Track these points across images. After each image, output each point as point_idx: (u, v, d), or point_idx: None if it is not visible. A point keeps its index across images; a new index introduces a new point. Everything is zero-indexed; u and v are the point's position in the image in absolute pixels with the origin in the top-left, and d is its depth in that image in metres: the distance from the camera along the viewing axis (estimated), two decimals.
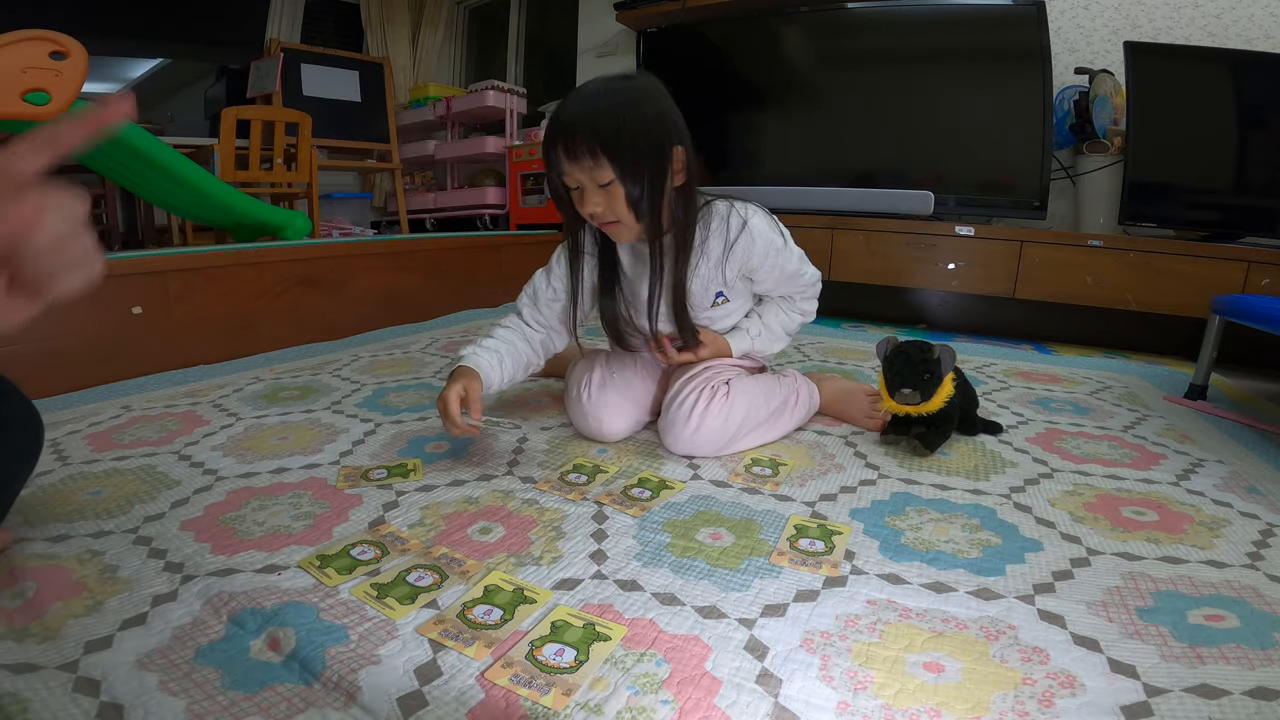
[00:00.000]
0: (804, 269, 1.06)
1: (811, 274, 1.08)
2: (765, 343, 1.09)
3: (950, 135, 2.15)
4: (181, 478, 0.88)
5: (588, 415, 1.02)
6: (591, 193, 0.88)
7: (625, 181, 0.86)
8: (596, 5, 3.19)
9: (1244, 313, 1.21)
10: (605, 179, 0.86)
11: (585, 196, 0.89)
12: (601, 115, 0.85)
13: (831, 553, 0.71)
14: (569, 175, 0.88)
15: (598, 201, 0.88)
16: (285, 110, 2.85)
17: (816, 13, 2.32)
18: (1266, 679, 0.52)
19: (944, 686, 0.51)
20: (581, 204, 0.90)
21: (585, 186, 0.88)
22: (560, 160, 0.87)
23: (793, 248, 1.03)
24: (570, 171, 0.88)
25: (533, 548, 0.72)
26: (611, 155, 0.85)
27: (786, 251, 1.02)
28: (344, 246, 1.97)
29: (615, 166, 0.85)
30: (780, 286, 1.07)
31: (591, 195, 0.88)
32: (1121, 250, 1.79)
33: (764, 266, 1.01)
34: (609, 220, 0.90)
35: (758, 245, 0.98)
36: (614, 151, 0.84)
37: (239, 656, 0.54)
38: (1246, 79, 1.77)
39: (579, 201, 0.91)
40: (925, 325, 2.25)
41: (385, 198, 4.04)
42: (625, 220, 0.90)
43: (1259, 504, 0.85)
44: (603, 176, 0.86)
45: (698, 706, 0.49)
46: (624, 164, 0.85)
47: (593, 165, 0.85)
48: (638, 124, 0.86)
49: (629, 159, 0.85)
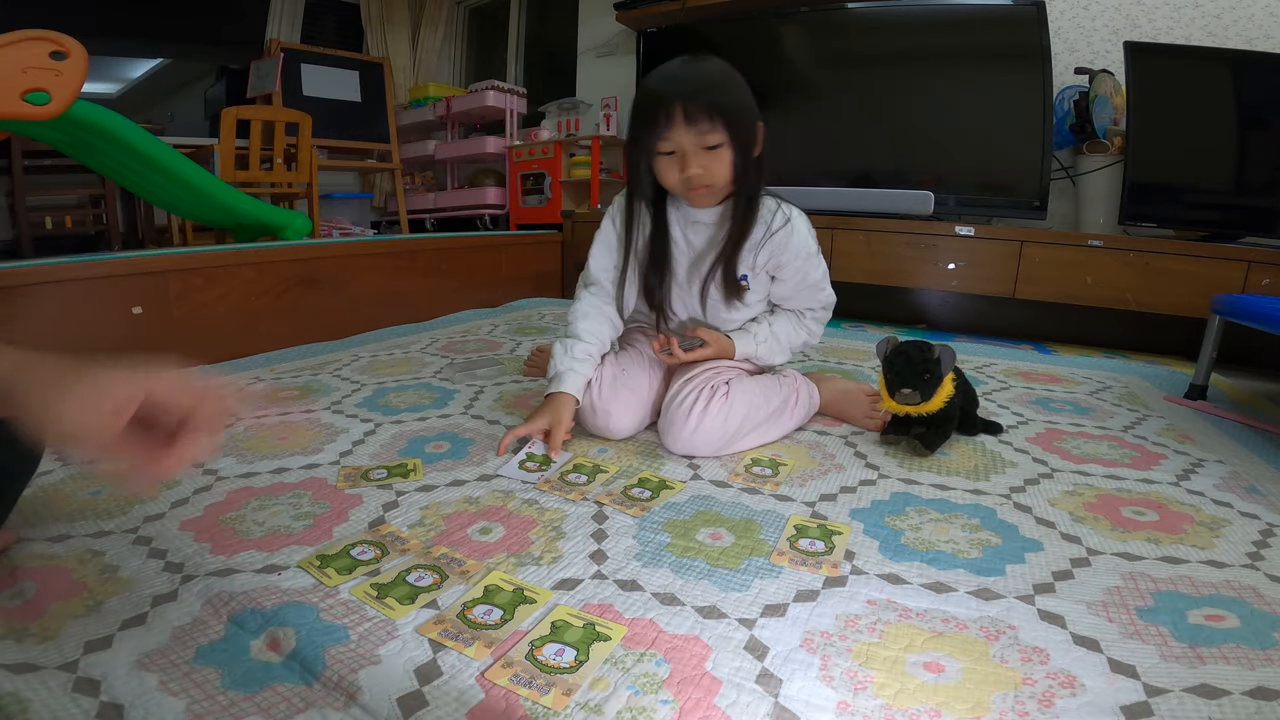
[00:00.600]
0: (825, 284, 1.10)
1: (829, 294, 1.12)
2: (768, 350, 1.09)
3: (950, 135, 2.15)
4: (181, 478, 0.88)
5: (597, 412, 1.02)
6: (696, 155, 0.92)
7: (734, 144, 0.92)
8: (596, 5, 3.19)
9: (1244, 313, 1.21)
10: (714, 141, 0.91)
11: (688, 160, 0.93)
12: (717, 84, 0.92)
13: (831, 553, 0.71)
14: (671, 139, 0.92)
15: (703, 164, 0.93)
16: (285, 110, 2.85)
17: (816, 13, 2.32)
18: (1266, 679, 0.52)
19: (944, 686, 0.51)
20: (683, 167, 0.93)
21: (687, 150, 0.92)
22: (669, 123, 0.91)
23: (821, 261, 1.08)
24: (675, 135, 0.91)
25: (533, 548, 0.72)
26: (726, 119, 0.91)
27: (815, 260, 1.07)
28: (344, 246, 1.97)
29: (728, 130, 0.91)
30: (798, 294, 1.09)
31: (696, 158, 0.92)
32: (1121, 250, 1.79)
33: (791, 266, 1.05)
34: (704, 183, 0.94)
35: (794, 242, 1.03)
36: (728, 115, 0.91)
37: (239, 656, 0.54)
38: (1246, 79, 1.77)
39: (674, 166, 0.94)
40: (925, 325, 2.25)
41: (385, 198, 4.04)
42: (719, 183, 0.95)
43: (1259, 504, 0.85)
44: (713, 139, 0.91)
45: (698, 706, 0.49)
46: (735, 128, 0.92)
47: (709, 128, 0.90)
48: (743, 93, 0.94)
49: (739, 123, 0.92)
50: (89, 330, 1.39)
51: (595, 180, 3.03)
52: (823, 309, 1.13)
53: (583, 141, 3.09)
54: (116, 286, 1.43)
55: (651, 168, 0.97)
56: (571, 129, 3.23)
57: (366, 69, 3.62)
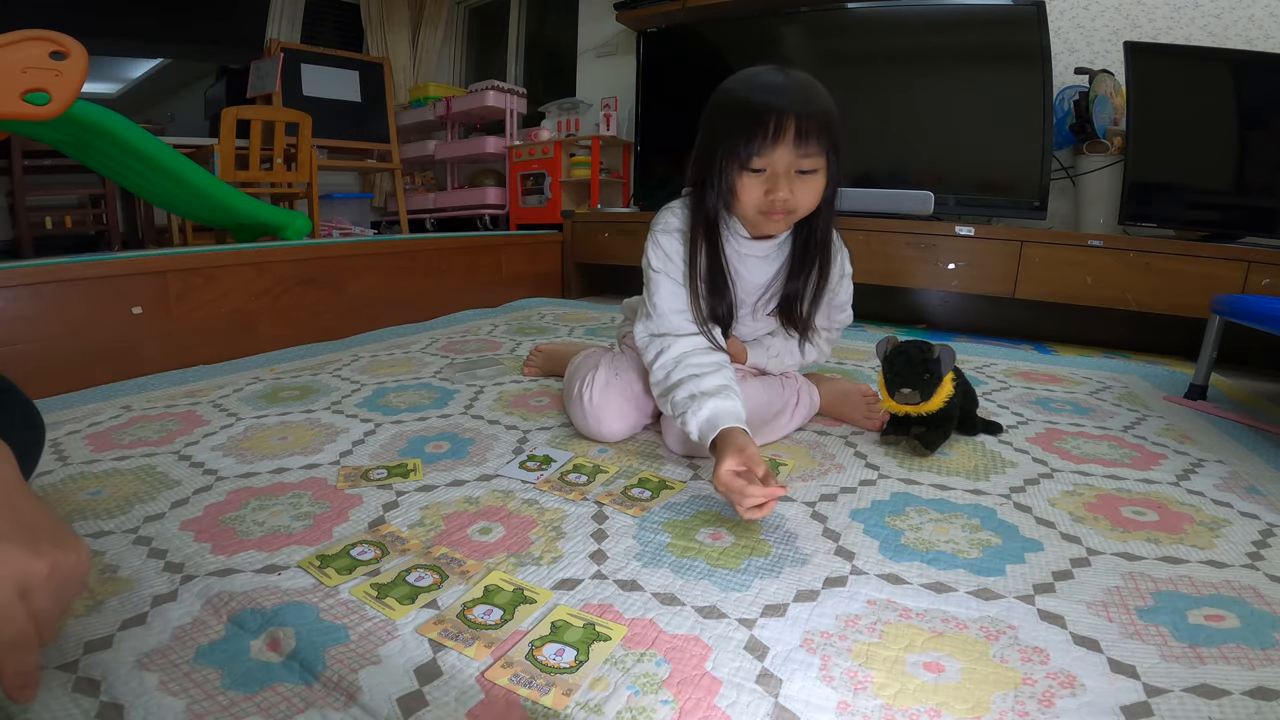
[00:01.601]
0: (848, 306, 1.10)
1: (849, 315, 1.12)
2: (778, 364, 1.09)
3: (950, 135, 2.15)
4: (181, 478, 0.88)
5: (588, 415, 1.02)
6: (787, 179, 0.86)
7: (828, 171, 0.88)
8: (596, 5, 3.19)
9: (1244, 313, 1.21)
10: (812, 166, 0.86)
11: (778, 181, 0.86)
12: (825, 108, 0.86)
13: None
14: (769, 156, 0.85)
15: (791, 188, 0.86)
16: (285, 110, 2.85)
17: (816, 13, 2.32)
18: (1266, 679, 0.52)
19: (944, 686, 0.51)
20: (770, 189, 0.86)
21: (779, 171, 0.86)
22: (777, 137, 0.83)
23: (851, 284, 1.09)
24: (778, 152, 0.84)
25: (533, 548, 0.72)
26: (830, 145, 0.86)
27: (847, 283, 1.08)
28: (344, 246, 1.97)
29: (828, 156, 0.86)
30: (824, 313, 1.08)
31: (786, 181, 0.86)
32: (1121, 250, 1.79)
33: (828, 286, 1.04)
34: (787, 209, 0.88)
35: (835, 264, 1.02)
36: (833, 142, 0.86)
37: (239, 656, 0.54)
38: (1246, 79, 1.77)
39: (759, 185, 0.87)
40: (925, 325, 2.25)
41: (385, 198, 4.04)
42: (802, 210, 0.90)
43: (1259, 504, 0.85)
44: (812, 164, 0.86)
45: (698, 706, 0.49)
46: (833, 156, 0.87)
47: (815, 152, 0.85)
48: (840, 122, 0.87)
49: (837, 152, 0.87)
50: (89, 330, 1.39)
51: (595, 180, 3.03)
52: (838, 329, 1.13)
53: (583, 141, 3.09)
54: (116, 286, 1.43)
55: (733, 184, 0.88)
56: (571, 129, 3.23)
57: (366, 69, 3.62)
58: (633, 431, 1.06)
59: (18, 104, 1.26)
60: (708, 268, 0.95)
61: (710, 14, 2.63)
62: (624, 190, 3.17)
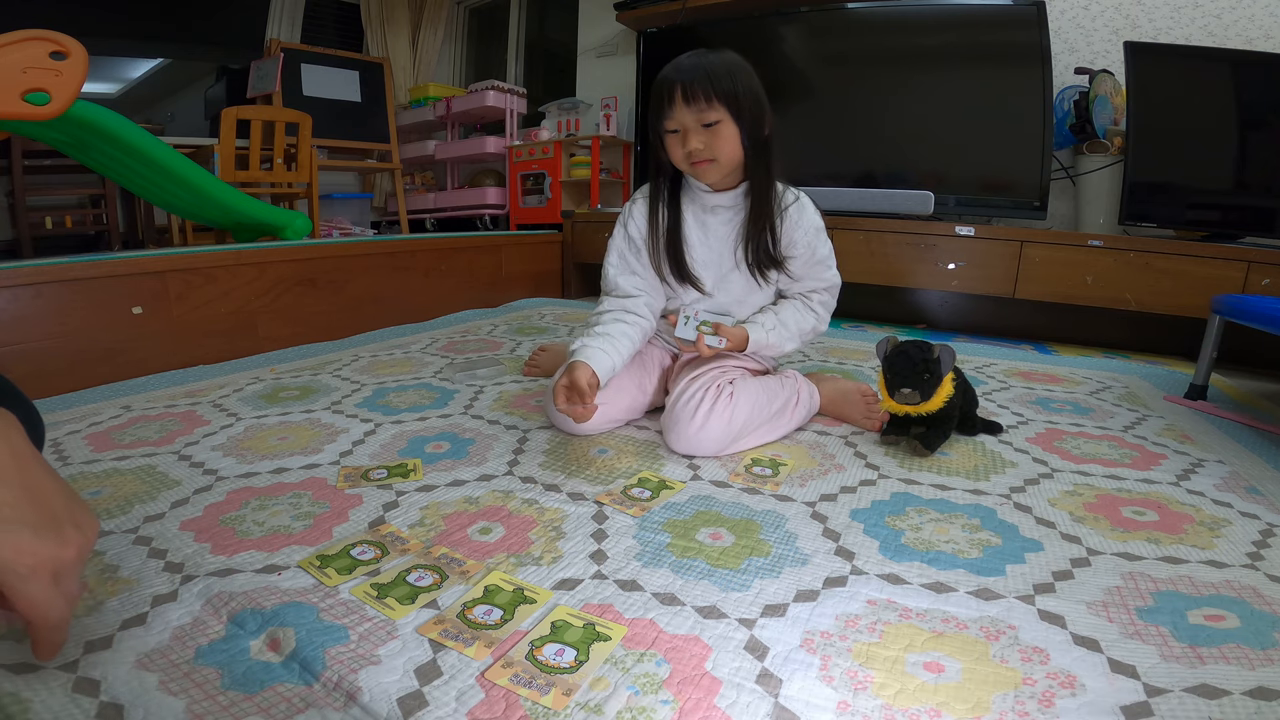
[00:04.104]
0: (831, 263, 1.13)
1: (835, 275, 1.14)
2: (779, 337, 1.10)
3: (950, 135, 2.15)
4: (181, 478, 0.88)
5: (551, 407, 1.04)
6: (695, 133, 0.98)
7: (737, 122, 0.98)
8: (596, 5, 3.19)
9: (1244, 313, 1.21)
10: (712, 119, 0.97)
11: (688, 137, 0.98)
12: (714, 66, 0.97)
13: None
14: (674, 118, 0.98)
15: (700, 140, 0.98)
16: (285, 110, 2.85)
17: (816, 13, 2.32)
18: (1266, 679, 0.52)
19: (944, 686, 0.51)
20: (683, 144, 0.99)
21: (689, 128, 0.98)
22: (670, 104, 0.98)
23: (828, 239, 1.13)
24: (677, 114, 0.98)
25: (533, 548, 0.72)
26: (721, 96, 0.96)
27: (823, 237, 1.12)
28: (344, 246, 1.97)
29: (725, 106, 0.96)
30: (807, 270, 1.11)
31: (695, 135, 0.98)
32: (1121, 250, 1.79)
33: (802, 242, 1.08)
34: (704, 158, 1.00)
35: (805, 218, 1.08)
36: (724, 92, 0.96)
37: (239, 656, 0.54)
38: (1246, 79, 1.77)
39: (678, 143, 1.00)
40: (925, 325, 2.25)
41: (385, 198, 4.04)
42: (722, 158, 1.00)
43: (1259, 504, 0.85)
44: (710, 116, 0.97)
45: (698, 706, 0.49)
46: (732, 105, 0.97)
47: (705, 106, 0.96)
48: (744, 75, 0.99)
49: (736, 101, 0.97)
50: (89, 330, 1.39)
51: (595, 180, 3.03)
52: (827, 290, 1.14)
53: (583, 141, 3.09)
54: (116, 286, 1.43)
55: (664, 147, 1.03)
56: (571, 129, 3.23)
57: (366, 69, 3.62)
58: (607, 426, 1.08)
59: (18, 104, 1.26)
60: (668, 225, 1.09)
61: (710, 14, 2.63)
62: (624, 190, 3.17)
